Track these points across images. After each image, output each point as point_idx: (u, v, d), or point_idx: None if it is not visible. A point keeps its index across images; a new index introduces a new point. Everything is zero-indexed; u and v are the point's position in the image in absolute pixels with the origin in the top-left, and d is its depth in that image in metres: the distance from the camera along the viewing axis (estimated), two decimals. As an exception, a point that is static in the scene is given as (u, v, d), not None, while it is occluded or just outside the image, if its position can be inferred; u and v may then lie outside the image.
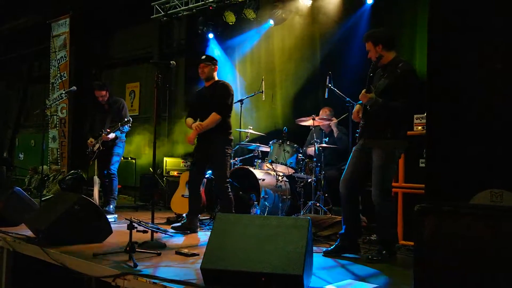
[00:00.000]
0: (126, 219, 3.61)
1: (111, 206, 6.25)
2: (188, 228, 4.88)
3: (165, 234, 3.80)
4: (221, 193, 4.87)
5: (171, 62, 4.56)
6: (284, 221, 3.00)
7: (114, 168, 6.33)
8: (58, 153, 10.69)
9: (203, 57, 4.92)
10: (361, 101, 4.05)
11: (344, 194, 4.07)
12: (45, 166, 9.91)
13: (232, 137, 4.98)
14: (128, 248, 3.49)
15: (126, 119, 5.86)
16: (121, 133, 6.25)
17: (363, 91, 3.82)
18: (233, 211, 4.79)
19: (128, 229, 3.53)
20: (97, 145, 6.16)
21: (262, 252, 2.79)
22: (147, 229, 3.71)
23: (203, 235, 4.85)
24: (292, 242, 2.81)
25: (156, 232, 3.81)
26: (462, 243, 1.85)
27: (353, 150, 4.14)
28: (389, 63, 3.97)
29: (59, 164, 10.50)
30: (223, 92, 4.82)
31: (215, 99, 4.81)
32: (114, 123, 5.99)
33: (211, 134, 4.83)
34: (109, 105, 6.39)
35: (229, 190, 4.84)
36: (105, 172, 6.26)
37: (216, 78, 4.98)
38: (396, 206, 4.50)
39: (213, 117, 4.76)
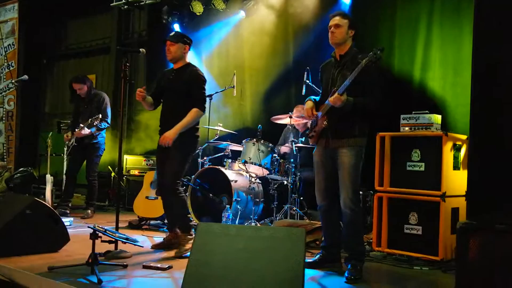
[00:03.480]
0: (88, 226, 3.14)
1: (89, 211, 6.08)
2: (172, 244, 4.11)
3: (135, 244, 3.34)
4: (170, 192, 4.02)
5: (140, 49, 4.05)
6: (276, 232, 2.62)
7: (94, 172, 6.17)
8: (4, 148, 9.92)
9: (171, 33, 4.16)
10: (312, 97, 3.80)
11: (324, 206, 3.70)
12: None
13: (199, 134, 4.25)
14: (90, 260, 3.05)
15: (100, 115, 5.58)
16: (97, 130, 5.92)
17: (336, 94, 3.41)
18: (186, 213, 4.16)
19: (90, 238, 3.08)
20: (72, 141, 5.93)
21: (254, 270, 2.42)
22: (113, 240, 3.25)
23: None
24: (288, 257, 2.45)
25: (124, 242, 3.35)
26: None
27: (314, 155, 3.76)
28: (346, 54, 3.64)
29: (5, 160, 9.75)
30: (200, 83, 4.12)
31: (185, 87, 4.07)
32: (92, 118, 5.61)
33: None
34: (89, 100, 6.14)
35: (180, 190, 4.06)
36: (87, 177, 6.12)
37: (187, 61, 4.24)
38: (381, 211, 4.25)
39: (195, 114, 4.02)
